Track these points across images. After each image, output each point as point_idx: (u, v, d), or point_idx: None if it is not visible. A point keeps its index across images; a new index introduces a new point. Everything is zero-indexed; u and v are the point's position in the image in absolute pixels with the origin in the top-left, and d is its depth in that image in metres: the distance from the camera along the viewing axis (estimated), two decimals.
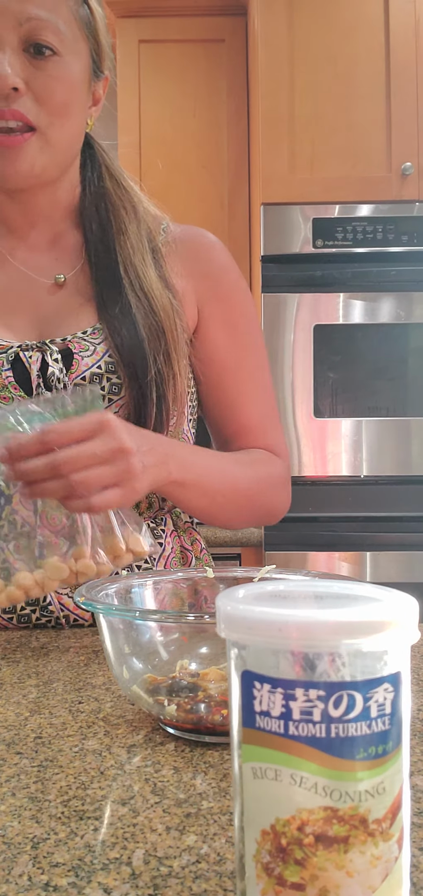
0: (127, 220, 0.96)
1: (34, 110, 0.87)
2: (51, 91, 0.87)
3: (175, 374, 0.92)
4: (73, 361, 0.89)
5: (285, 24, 2.18)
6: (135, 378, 0.89)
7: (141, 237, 0.96)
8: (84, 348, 0.90)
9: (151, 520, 0.95)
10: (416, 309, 2.14)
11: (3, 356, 0.90)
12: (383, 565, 2.11)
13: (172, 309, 0.93)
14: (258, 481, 0.98)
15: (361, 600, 0.32)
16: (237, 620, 0.30)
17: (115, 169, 1.00)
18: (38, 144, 0.88)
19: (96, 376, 0.89)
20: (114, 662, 0.58)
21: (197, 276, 0.99)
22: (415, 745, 0.53)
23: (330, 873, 0.29)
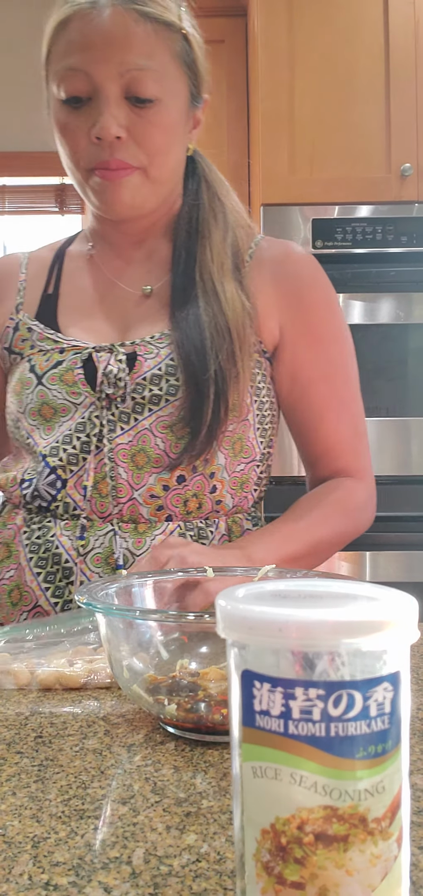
0: (214, 227, 0.99)
1: (135, 153, 0.92)
2: (150, 136, 0.92)
3: (238, 374, 0.93)
4: (136, 363, 0.94)
5: (285, 25, 2.18)
6: (193, 376, 0.91)
7: (224, 246, 0.98)
8: (149, 351, 0.95)
9: (201, 520, 0.96)
10: (415, 309, 2.14)
11: (77, 356, 0.95)
12: (382, 565, 2.11)
13: (243, 312, 0.95)
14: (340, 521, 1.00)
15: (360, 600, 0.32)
16: (237, 620, 0.31)
17: (213, 181, 1.04)
18: (139, 180, 0.93)
19: (156, 377, 0.93)
20: (114, 662, 0.58)
21: (281, 291, 1.00)
22: (414, 744, 0.53)
23: (330, 872, 0.29)
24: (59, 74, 0.91)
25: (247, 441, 0.98)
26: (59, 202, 3.13)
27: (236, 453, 0.97)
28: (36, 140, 3.02)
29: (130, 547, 0.92)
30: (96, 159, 0.92)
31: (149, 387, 0.93)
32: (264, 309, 0.99)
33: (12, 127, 3.02)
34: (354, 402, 1.05)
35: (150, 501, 0.93)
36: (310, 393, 1.01)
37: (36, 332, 1.00)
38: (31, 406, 0.95)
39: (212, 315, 0.93)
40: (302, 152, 2.18)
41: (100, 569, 0.92)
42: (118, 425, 0.93)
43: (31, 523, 0.95)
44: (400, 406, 2.15)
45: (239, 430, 0.97)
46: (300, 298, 1.01)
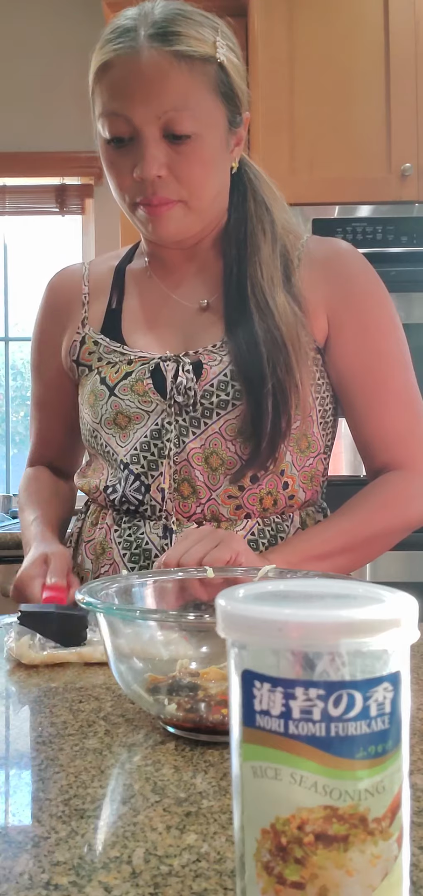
0: (263, 240, 1.01)
1: (176, 188, 0.95)
2: (189, 171, 0.95)
3: (296, 385, 0.95)
4: (202, 371, 0.98)
5: (285, 25, 2.18)
6: (252, 390, 0.95)
7: (274, 257, 1.00)
8: (213, 359, 0.98)
9: (277, 516, 1.00)
10: (416, 309, 2.14)
11: (145, 366, 1.00)
12: (383, 565, 2.10)
13: (295, 322, 0.97)
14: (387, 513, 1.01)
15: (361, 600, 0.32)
16: (237, 620, 0.31)
17: (260, 191, 1.05)
18: (182, 212, 0.97)
19: (223, 383, 0.97)
20: (114, 662, 0.58)
21: (328, 285, 1.02)
22: (414, 744, 0.53)
23: (330, 872, 0.29)
24: (103, 116, 0.95)
25: (312, 437, 1.02)
26: (59, 202, 3.13)
27: (303, 449, 1.01)
28: (36, 140, 3.02)
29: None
30: (140, 195, 0.96)
31: (216, 392, 0.97)
32: (314, 304, 1.01)
33: (13, 127, 3.02)
34: (404, 390, 1.04)
35: (228, 502, 0.98)
36: (356, 382, 1.02)
37: (103, 346, 1.05)
38: (106, 416, 1.00)
39: (266, 329, 0.96)
40: (302, 152, 2.18)
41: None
42: (190, 430, 0.98)
43: (122, 522, 1.00)
44: None
45: (302, 427, 1.00)
46: (347, 289, 1.03)
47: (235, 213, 1.05)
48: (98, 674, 0.70)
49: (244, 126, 1.02)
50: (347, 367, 1.02)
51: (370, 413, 1.03)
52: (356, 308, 1.03)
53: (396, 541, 1.04)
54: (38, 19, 3.05)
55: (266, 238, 1.02)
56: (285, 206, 1.07)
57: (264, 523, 1.00)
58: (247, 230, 1.03)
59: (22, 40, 3.05)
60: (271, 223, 1.03)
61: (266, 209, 1.04)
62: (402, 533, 1.03)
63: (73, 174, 3.03)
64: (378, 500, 1.02)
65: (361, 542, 1.00)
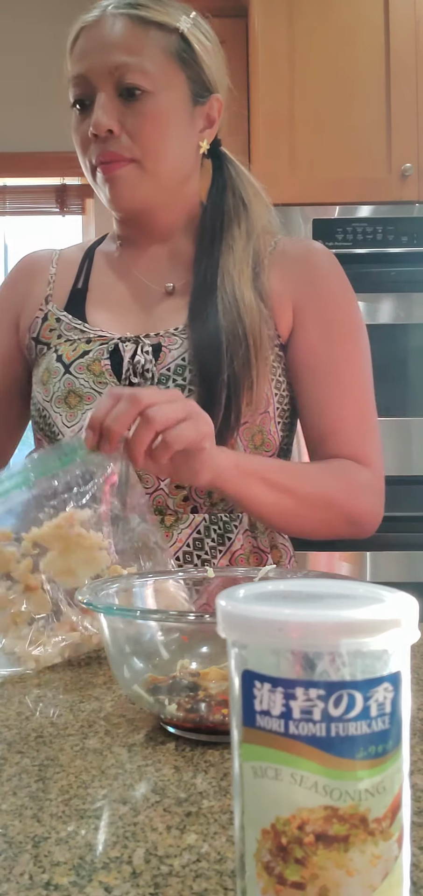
0: (238, 235, 1.01)
1: (129, 147, 0.95)
2: (142, 127, 0.95)
3: (252, 381, 0.95)
4: (161, 353, 0.97)
5: (286, 25, 2.18)
6: (207, 379, 0.93)
7: (246, 254, 1.00)
8: (173, 342, 0.98)
9: (225, 514, 0.98)
10: (416, 309, 2.14)
11: (104, 346, 0.99)
12: (383, 565, 2.11)
13: (259, 318, 0.96)
14: (336, 483, 0.96)
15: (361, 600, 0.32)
16: (238, 620, 0.31)
17: (239, 188, 1.06)
18: (137, 173, 0.96)
19: (180, 367, 0.96)
20: (114, 662, 0.58)
21: (297, 279, 1.02)
22: (415, 744, 0.53)
23: (330, 872, 0.29)
24: (70, 83, 0.98)
25: (268, 434, 1.00)
26: (59, 202, 3.13)
27: (257, 445, 0.99)
28: (36, 140, 3.02)
29: (158, 541, 0.92)
30: (95, 154, 0.96)
31: (173, 377, 0.95)
32: (281, 296, 1.00)
33: (13, 127, 3.02)
34: (364, 392, 1.02)
35: (175, 492, 0.96)
36: (317, 376, 1.01)
37: (64, 322, 1.03)
38: (57, 394, 0.98)
39: (230, 321, 0.95)
40: (303, 152, 2.18)
41: None
42: None
43: None
44: (400, 406, 2.15)
45: (259, 423, 0.98)
46: (315, 284, 1.02)
47: (212, 204, 1.05)
48: (98, 674, 0.70)
49: (219, 110, 1.04)
50: (308, 359, 1.01)
51: (328, 405, 1.00)
52: (322, 303, 1.02)
53: (338, 524, 0.98)
54: (37, 19, 3.05)
55: (241, 233, 1.02)
56: (269, 206, 1.07)
57: (210, 520, 0.97)
58: (223, 223, 1.02)
59: (22, 40, 3.05)
60: (247, 220, 1.03)
61: (244, 206, 1.04)
62: (346, 517, 0.97)
63: (73, 174, 3.03)
64: (331, 470, 0.98)
65: (307, 495, 0.94)
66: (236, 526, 0.99)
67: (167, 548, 0.87)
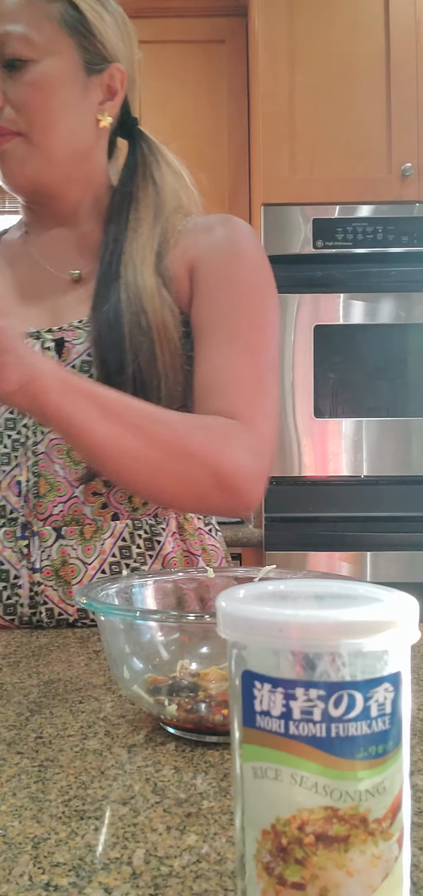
0: (144, 218, 0.95)
1: (13, 119, 0.90)
2: (25, 98, 0.89)
3: (160, 376, 0.87)
4: (64, 349, 0.90)
5: (286, 24, 2.18)
6: (109, 377, 0.85)
7: (152, 235, 0.93)
8: (77, 336, 0.91)
9: (150, 517, 0.93)
10: (416, 309, 2.14)
11: None
12: (383, 565, 2.11)
13: (162, 305, 0.89)
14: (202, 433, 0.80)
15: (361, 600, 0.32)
16: (238, 620, 0.31)
17: (151, 167, 0.99)
18: (24, 147, 0.91)
19: (86, 364, 0.89)
20: (114, 662, 0.58)
21: (200, 245, 0.94)
22: (415, 744, 0.53)
23: (330, 872, 0.29)
24: None
25: None
26: None
27: None
28: None
29: (80, 555, 0.90)
30: None
31: (79, 374, 0.88)
32: (182, 267, 0.93)
33: None
34: (260, 352, 0.88)
35: (92, 500, 0.90)
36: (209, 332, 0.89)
37: None
38: None
39: (134, 311, 0.88)
40: (303, 152, 2.18)
41: (52, 582, 0.89)
42: None
43: None
44: (400, 406, 2.16)
45: None
46: (216, 249, 0.92)
47: (120, 186, 0.98)
48: (98, 674, 0.70)
49: (122, 81, 0.96)
50: (204, 317, 0.89)
51: (219, 357, 0.87)
52: (225, 264, 0.91)
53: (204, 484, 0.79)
54: None
55: (147, 216, 0.95)
56: (188, 182, 1.00)
57: (134, 526, 0.91)
58: (130, 206, 0.96)
59: None
60: (156, 199, 0.96)
61: (154, 184, 0.97)
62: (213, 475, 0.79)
63: None
64: (198, 420, 0.82)
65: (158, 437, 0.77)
66: (164, 529, 0.94)
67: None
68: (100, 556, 0.90)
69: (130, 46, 0.99)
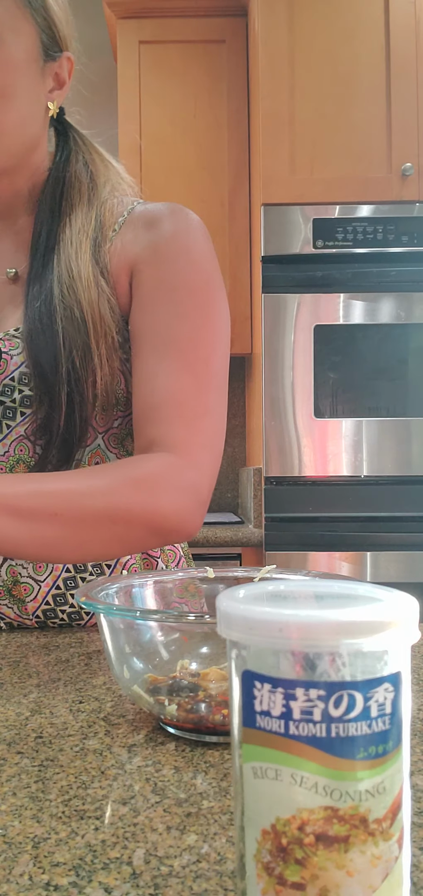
0: (78, 200, 0.89)
1: None
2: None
3: (95, 368, 0.82)
4: (1, 361, 0.84)
5: (286, 24, 2.18)
6: (43, 377, 0.81)
7: (87, 222, 0.88)
8: (14, 346, 0.84)
9: None
10: (416, 309, 2.14)
11: None
12: (383, 565, 2.11)
13: (98, 294, 0.83)
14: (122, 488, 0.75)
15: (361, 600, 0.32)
16: (238, 620, 0.31)
17: (83, 154, 0.94)
18: None
19: (25, 375, 0.83)
20: (114, 662, 0.58)
21: (140, 243, 0.87)
22: (415, 744, 0.53)
23: (331, 873, 0.29)
24: None
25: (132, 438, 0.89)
26: None
27: (130, 451, 0.89)
28: None
29: (32, 573, 0.88)
30: None
31: (18, 388, 0.83)
32: (118, 267, 0.86)
33: None
34: (203, 366, 0.82)
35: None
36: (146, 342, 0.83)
37: None
38: None
39: (67, 304, 0.82)
40: (303, 152, 2.18)
41: (5, 601, 0.88)
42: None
43: None
44: (400, 406, 2.16)
45: (126, 425, 0.88)
46: (157, 246, 0.86)
47: (54, 172, 0.92)
48: (98, 674, 0.70)
49: (69, 71, 0.92)
50: (142, 326, 0.83)
51: (156, 374, 0.81)
52: (166, 267, 0.85)
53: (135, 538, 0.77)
54: None
55: (82, 201, 0.90)
56: (120, 172, 0.95)
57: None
58: (64, 190, 0.90)
59: None
60: (90, 186, 0.91)
61: (86, 168, 0.93)
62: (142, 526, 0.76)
63: None
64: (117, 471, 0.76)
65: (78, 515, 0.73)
66: None
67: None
68: (53, 574, 0.88)
69: (74, 35, 0.93)
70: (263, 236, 2.16)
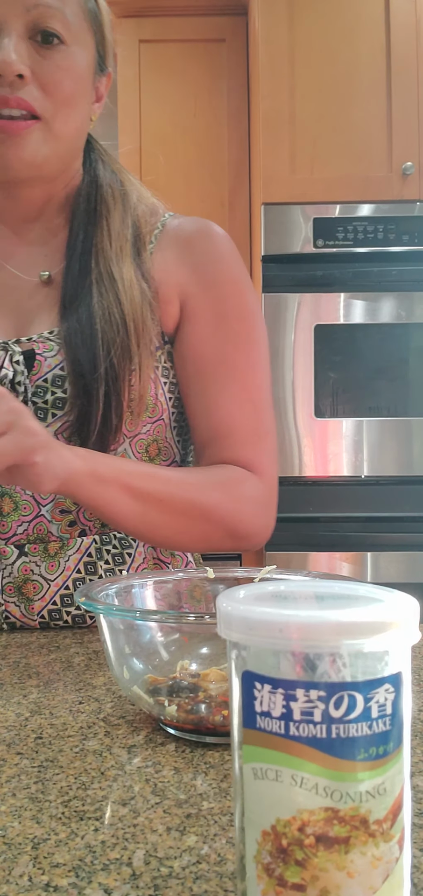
0: (114, 207, 0.91)
1: (40, 99, 0.84)
2: (57, 81, 0.84)
3: (133, 370, 0.84)
4: (35, 363, 0.85)
5: (286, 23, 2.18)
6: (82, 376, 0.83)
7: (125, 226, 0.90)
8: (48, 349, 0.86)
9: (120, 532, 0.91)
10: (417, 309, 2.14)
11: None
12: (383, 566, 2.11)
13: (141, 299, 0.86)
14: (216, 493, 0.85)
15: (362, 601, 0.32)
16: (238, 621, 0.30)
17: (110, 162, 0.97)
18: (42, 134, 0.85)
19: (59, 378, 0.85)
20: (114, 663, 0.58)
21: (185, 267, 0.91)
22: (416, 745, 0.53)
23: (331, 874, 0.28)
24: None
25: (164, 442, 0.92)
26: None
27: (152, 457, 0.91)
28: None
29: (43, 573, 0.88)
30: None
31: (51, 389, 0.84)
32: (166, 289, 0.90)
33: None
34: (259, 391, 0.91)
35: (59, 517, 0.87)
36: (206, 371, 0.89)
37: None
38: None
39: (106, 306, 0.84)
40: (303, 151, 2.18)
41: (14, 598, 0.88)
42: None
43: None
44: (401, 406, 2.15)
45: (153, 432, 0.90)
46: (206, 272, 0.91)
47: (88, 177, 0.94)
48: (98, 675, 0.70)
49: (106, 86, 0.94)
50: (197, 355, 0.90)
51: (218, 405, 0.89)
52: (214, 293, 0.90)
53: (217, 538, 0.87)
54: None
55: (117, 205, 0.92)
56: (140, 185, 0.98)
57: (102, 541, 0.89)
58: (98, 195, 0.92)
59: None
60: (122, 191, 0.94)
61: (120, 182, 0.95)
62: (227, 531, 0.86)
63: None
64: (213, 478, 0.86)
65: (179, 506, 0.83)
66: (133, 541, 0.91)
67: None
68: (64, 573, 0.88)
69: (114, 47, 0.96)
70: (263, 236, 2.16)
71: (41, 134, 0.85)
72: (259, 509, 0.89)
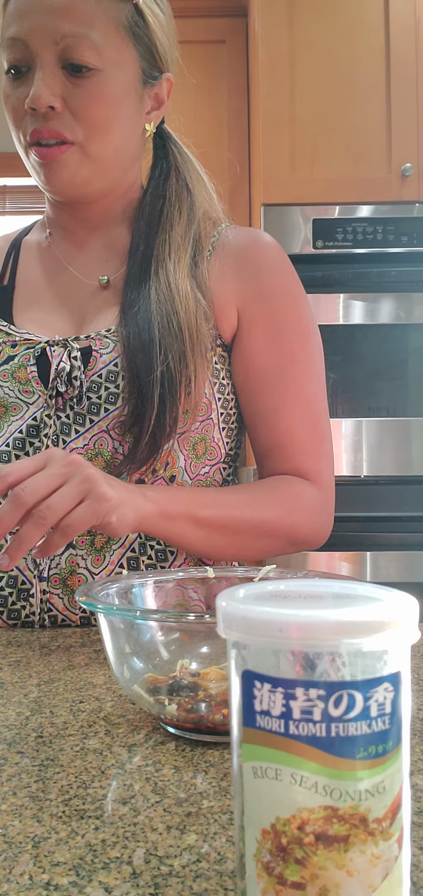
0: (178, 221, 0.94)
1: (71, 126, 0.87)
2: (88, 107, 0.86)
3: (189, 377, 0.87)
4: (91, 358, 0.89)
5: (286, 25, 2.18)
6: (138, 377, 0.85)
7: (186, 240, 0.93)
8: (104, 346, 0.89)
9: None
10: (416, 309, 2.14)
11: (30, 351, 0.90)
12: (383, 565, 2.11)
13: (196, 309, 0.89)
14: (276, 508, 0.90)
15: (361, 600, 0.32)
16: (238, 620, 0.31)
17: (183, 170, 0.99)
18: (77, 157, 0.88)
19: (112, 374, 0.88)
20: (114, 662, 0.58)
21: (241, 278, 0.94)
22: (415, 744, 0.53)
23: (330, 872, 0.29)
24: (3, 46, 0.87)
25: (211, 442, 0.94)
26: None
27: (199, 455, 0.92)
28: None
29: (89, 566, 0.89)
30: (31, 129, 0.87)
31: (105, 384, 0.88)
32: (224, 297, 0.93)
33: None
34: (315, 401, 0.96)
35: None
36: (265, 383, 0.93)
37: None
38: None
39: (164, 313, 0.87)
40: (303, 152, 2.18)
41: (58, 590, 0.89)
42: (73, 428, 0.87)
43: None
44: (400, 406, 2.16)
45: (202, 430, 0.92)
46: (263, 285, 0.94)
47: (154, 189, 0.97)
48: (98, 674, 0.70)
49: (168, 90, 0.96)
50: (256, 367, 0.93)
51: (277, 417, 0.94)
52: (270, 304, 0.94)
53: (279, 548, 0.92)
54: None
55: (181, 219, 0.94)
56: (211, 193, 1.00)
57: (146, 537, 0.90)
58: (163, 208, 0.95)
59: None
60: (189, 206, 0.96)
61: (188, 191, 0.97)
62: (287, 541, 0.92)
63: None
64: (272, 492, 0.91)
65: (242, 527, 0.88)
66: (173, 552, 0.93)
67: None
68: (108, 568, 0.90)
69: (176, 47, 0.97)
70: None
71: (77, 157, 0.88)
72: (316, 516, 0.94)
